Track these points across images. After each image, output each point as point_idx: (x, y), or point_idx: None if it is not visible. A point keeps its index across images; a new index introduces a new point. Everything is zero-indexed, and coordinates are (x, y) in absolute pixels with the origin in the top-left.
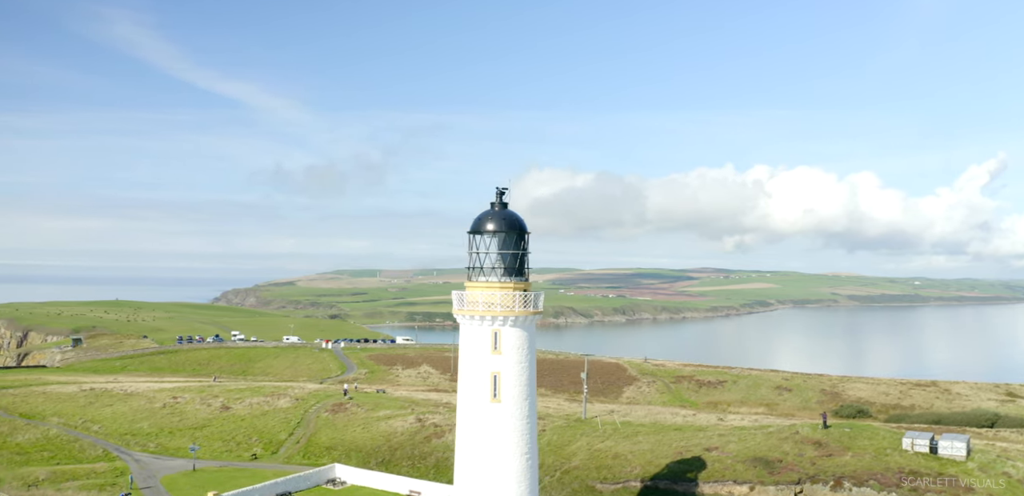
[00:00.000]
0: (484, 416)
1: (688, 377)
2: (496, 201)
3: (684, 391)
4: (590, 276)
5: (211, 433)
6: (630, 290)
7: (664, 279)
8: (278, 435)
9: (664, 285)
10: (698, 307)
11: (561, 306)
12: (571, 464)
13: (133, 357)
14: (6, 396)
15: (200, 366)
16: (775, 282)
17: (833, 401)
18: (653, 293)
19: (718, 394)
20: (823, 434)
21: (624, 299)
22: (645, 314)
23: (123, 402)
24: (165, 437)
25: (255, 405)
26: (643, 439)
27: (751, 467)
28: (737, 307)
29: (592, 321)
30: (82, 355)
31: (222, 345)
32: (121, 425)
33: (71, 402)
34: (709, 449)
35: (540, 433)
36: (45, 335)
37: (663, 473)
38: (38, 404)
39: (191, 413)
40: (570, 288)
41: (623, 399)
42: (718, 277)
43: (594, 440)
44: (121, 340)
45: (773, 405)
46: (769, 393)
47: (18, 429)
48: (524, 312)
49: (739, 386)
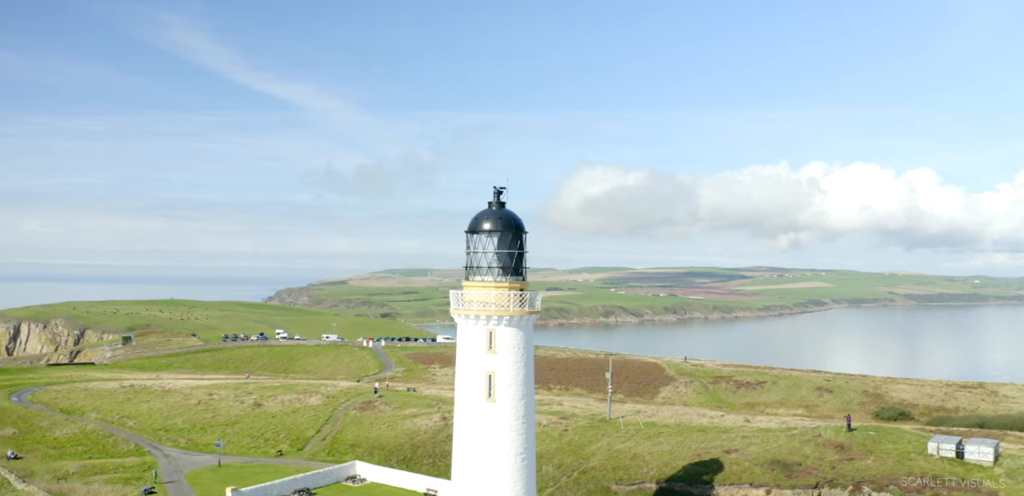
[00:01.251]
0: (479, 416)
1: (727, 378)
2: (494, 200)
3: (722, 392)
4: (641, 275)
5: (241, 429)
6: (682, 289)
7: (717, 278)
8: (305, 432)
9: (717, 284)
10: (751, 306)
11: (611, 305)
12: (589, 464)
13: (178, 354)
14: (49, 392)
15: (243, 364)
16: (830, 281)
17: (875, 403)
18: (706, 292)
19: (756, 395)
20: (846, 437)
21: (675, 298)
22: (696, 313)
23: (160, 398)
24: (197, 433)
25: (286, 402)
26: (664, 440)
27: (768, 470)
28: (790, 306)
29: (642, 320)
30: (130, 353)
31: (265, 343)
32: (156, 421)
33: (110, 398)
34: (728, 451)
35: (562, 433)
36: (101, 333)
37: (679, 475)
38: (78, 400)
39: (224, 410)
40: (621, 287)
41: (658, 399)
42: (772, 276)
43: (615, 440)
44: (169, 338)
45: (812, 407)
46: (809, 394)
47: (57, 424)
48: (519, 311)
49: (778, 387)
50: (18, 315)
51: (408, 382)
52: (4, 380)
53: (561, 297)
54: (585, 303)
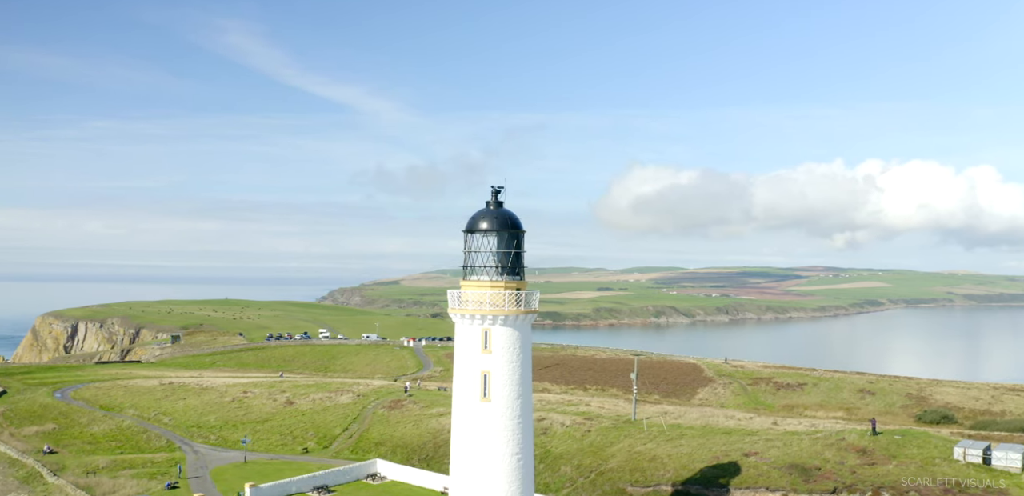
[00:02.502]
0: (474, 415)
1: (767, 379)
2: (491, 200)
3: (761, 393)
4: (694, 275)
5: (271, 427)
6: (735, 289)
7: (771, 278)
8: (333, 430)
9: (771, 284)
10: (805, 307)
11: (662, 306)
12: (607, 466)
13: (223, 353)
14: (91, 389)
15: (285, 362)
16: (887, 281)
17: (918, 406)
18: (760, 292)
19: (796, 397)
20: (870, 441)
21: (728, 298)
22: (749, 314)
23: (196, 396)
24: (228, 430)
25: (318, 400)
26: (686, 442)
27: (786, 474)
28: (846, 307)
29: (694, 321)
30: (177, 351)
31: (308, 342)
32: (190, 417)
33: (148, 395)
34: (748, 454)
35: (584, 434)
36: (155, 332)
37: (696, 477)
38: (118, 397)
39: (256, 407)
40: (672, 287)
41: (695, 401)
42: (827, 276)
43: (636, 442)
44: (215, 337)
45: (853, 409)
46: (850, 397)
47: (95, 420)
48: (515, 311)
49: (819, 389)
50: (76, 314)
51: (444, 381)
52: (52, 377)
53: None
54: (636, 303)
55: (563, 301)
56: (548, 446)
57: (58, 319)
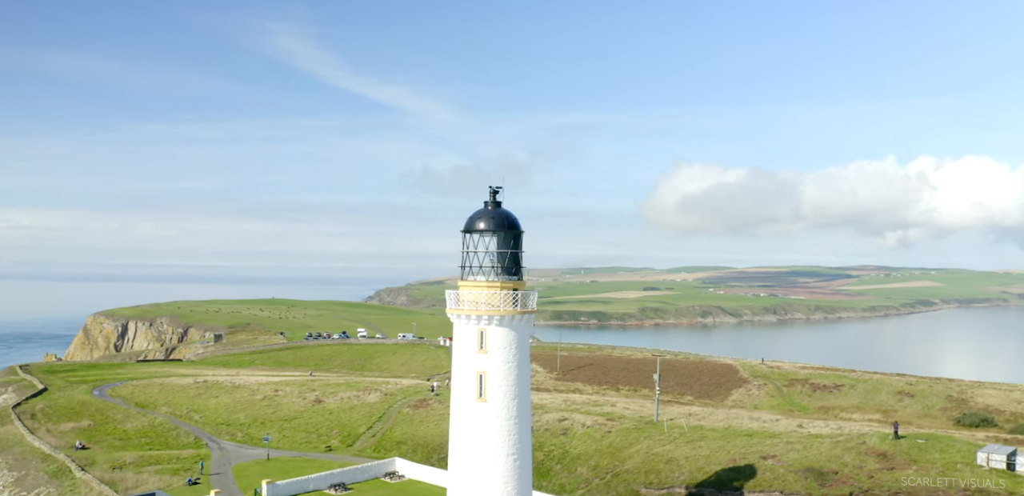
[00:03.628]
0: (470, 415)
1: (803, 380)
2: (489, 200)
3: (796, 395)
4: (742, 275)
5: (298, 425)
6: (784, 289)
7: (821, 277)
8: (357, 429)
9: (821, 284)
10: (855, 307)
11: (709, 305)
12: (624, 467)
13: (262, 352)
14: (128, 387)
15: (322, 361)
16: (940, 280)
17: (957, 408)
18: (809, 292)
19: (832, 399)
20: (891, 445)
21: (776, 298)
22: (798, 314)
23: (228, 394)
24: (256, 427)
25: (345, 399)
26: (705, 444)
27: (802, 478)
28: (897, 307)
29: (741, 321)
30: (218, 350)
31: (345, 342)
32: (220, 415)
33: (182, 393)
34: (766, 457)
35: (605, 435)
36: (203, 331)
37: (710, 480)
38: (153, 394)
39: (286, 405)
40: (720, 286)
41: (728, 402)
42: (878, 275)
43: (655, 444)
44: (256, 336)
45: (890, 412)
46: (888, 399)
47: (129, 417)
48: (510, 311)
49: (856, 391)
50: (126, 314)
51: None
52: (93, 375)
53: (658, 297)
54: (682, 303)
55: (609, 301)
56: (567, 447)
57: (109, 318)
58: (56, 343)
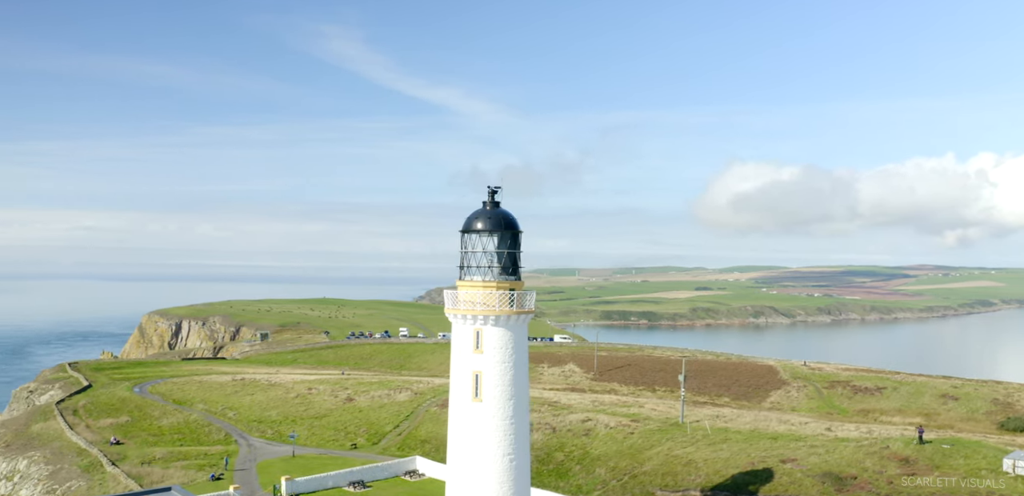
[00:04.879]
0: (467, 415)
1: (844, 382)
2: (488, 200)
3: (836, 397)
4: (796, 274)
5: (327, 423)
6: (839, 289)
7: (877, 277)
8: (384, 427)
9: (877, 283)
10: (911, 307)
11: (761, 305)
12: (642, 469)
13: (304, 351)
14: (168, 384)
15: (362, 360)
16: (1001, 280)
17: (1003, 412)
18: (865, 292)
19: (873, 402)
20: (914, 450)
21: (830, 298)
22: (852, 314)
23: (264, 392)
24: (287, 425)
25: (376, 398)
26: (727, 447)
27: (819, 482)
28: (955, 307)
29: (794, 321)
30: (262, 348)
31: (386, 341)
32: (253, 412)
33: (219, 391)
34: (785, 461)
35: (627, 436)
36: (254, 330)
37: (726, 483)
38: (191, 392)
39: (317, 403)
40: (773, 286)
41: (766, 404)
42: (937, 275)
43: (676, 445)
44: (300, 335)
45: (933, 415)
46: (932, 402)
47: (167, 413)
48: (506, 311)
49: (899, 393)
50: (180, 313)
51: None
52: (137, 373)
53: (710, 297)
54: (734, 303)
55: (659, 301)
56: (588, 447)
57: (163, 317)
58: (113, 341)
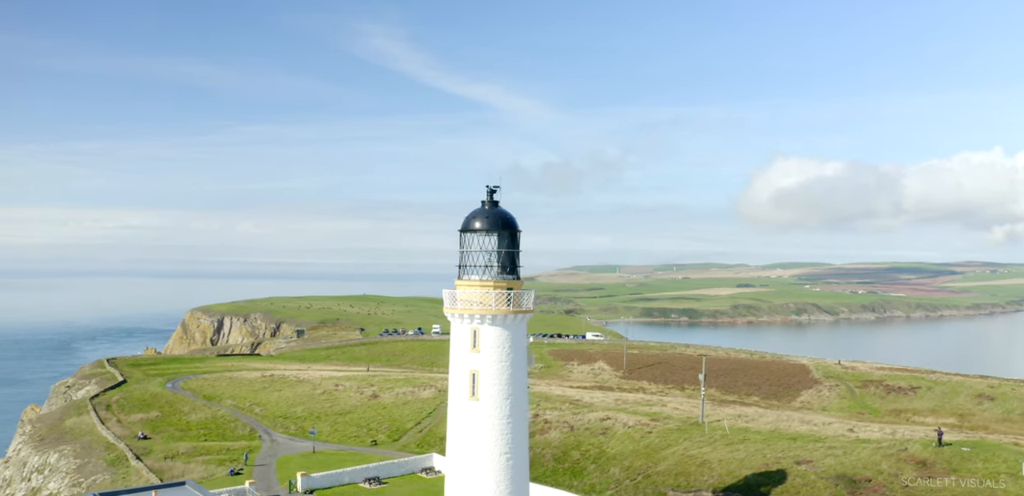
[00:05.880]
0: (464, 413)
1: (877, 382)
2: (487, 199)
3: (868, 397)
4: (840, 271)
5: (351, 419)
6: (884, 286)
7: (923, 274)
8: (406, 424)
9: (924, 280)
10: (958, 305)
11: (804, 303)
12: (656, 469)
13: (338, 347)
14: (199, 380)
15: (394, 357)
16: None
17: None
18: (911, 289)
19: (907, 401)
20: (933, 452)
21: (875, 296)
22: (897, 312)
23: (291, 388)
24: (311, 421)
25: (400, 395)
26: (743, 447)
27: (832, 485)
28: (1003, 305)
29: (837, 319)
30: (297, 345)
31: (419, 338)
32: (280, 408)
33: (248, 387)
34: (800, 462)
35: (644, 435)
36: (294, 326)
37: (738, 485)
38: (221, 388)
39: (343, 400)
40: (816, 283)
41: (796, 404)
42: (984, 271)
43: (692, 445)
44: (335, 332)
45: (967, 416)
46: (967, 402)
47: (196, 409)
48: (503, 310)
49: (933, 393)
50: (222, 310)
51: (542, 378)
52: (172, 369)
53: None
54: (776, 300)
55: (700, 298)
56: (604, 446)
57: (205, 314)
58: (156, 337)
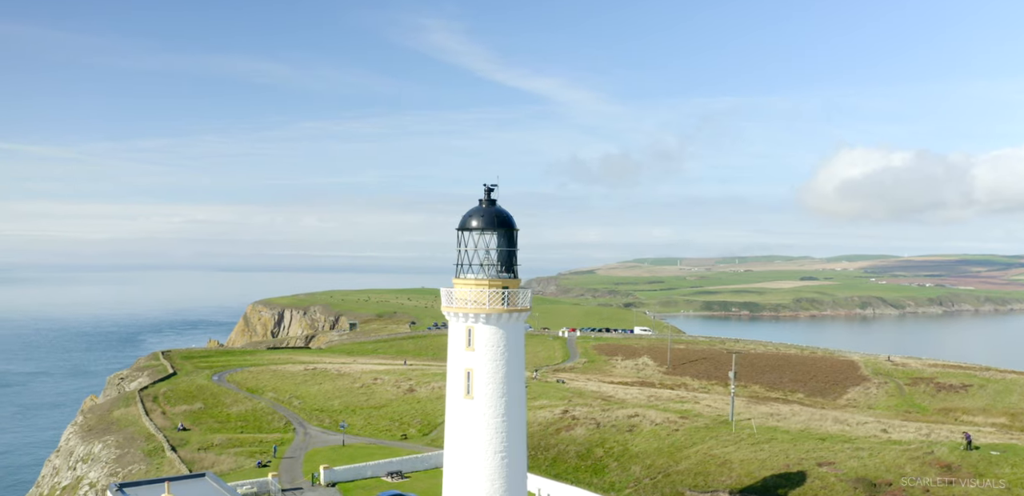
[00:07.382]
0: (459, 412)
1: (928, 379)
2: (484, 198)
3: (918, 395)
4: (907, 263)
5: (385, 413)
6: (953, 279)
7: (994, 266)
8: (438, 418)
9: (994, 273)
10: None
11: (869, 296)
12: (677, 468)
13: (386, 341)
14: (244, 373)
15: (440, 351)
16: None
17: None
18: (981, 282)
19: (957, 400)
20: (960, 456)
21: (942, 289)
22: (965, 305)
23: (331, 381)
24: (345, 414)
25: (436, 389)
26: (768, 447)
27: (851, 488)
28: None
29: (903, 313)
30: (348, 338)
31: None
32: (317, 401)
33: (290, 380)
34: (821, 464)
35: (671, 433)
36: (352, 319)
37: (756, 486)
38: (264, 380)
39: (380, 393)
40: (882, 276)
41: (842, 402)
42: None
43: (717, 444)
44: (386, 325)
45: (1019, 415)
46: (1020, 401)
47: (238, 401)
48: (498, 309)
49: (985, 391)
50: (283, 303)
51: (584, 373)
52: (222, 361)
53: (815, 287)
54: (840, 294)
55: (762, 291)
56: (628, 444)
57: (267, 307)
58: (220, 330)
